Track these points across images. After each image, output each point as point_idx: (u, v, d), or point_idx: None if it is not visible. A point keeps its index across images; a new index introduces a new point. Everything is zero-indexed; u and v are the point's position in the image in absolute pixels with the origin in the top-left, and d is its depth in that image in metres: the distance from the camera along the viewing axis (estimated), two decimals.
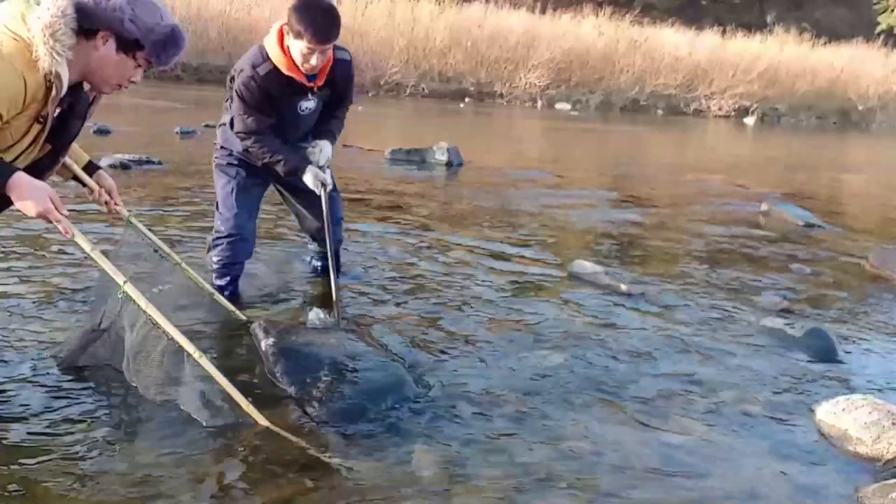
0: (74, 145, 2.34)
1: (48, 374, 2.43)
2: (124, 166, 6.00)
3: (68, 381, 2.39)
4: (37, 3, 1.88)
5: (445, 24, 17.76)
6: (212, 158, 3.22)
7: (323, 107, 3.10)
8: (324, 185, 3.09)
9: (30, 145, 2.00)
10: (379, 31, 17.00)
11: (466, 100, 17.38)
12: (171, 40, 2.01)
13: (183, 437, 2.12)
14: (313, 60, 2.78)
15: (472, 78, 18.03)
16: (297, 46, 2.76)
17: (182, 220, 4.59)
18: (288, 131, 3.05)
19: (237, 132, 2.94)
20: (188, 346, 2.14)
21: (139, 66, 2.03)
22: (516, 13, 19.39)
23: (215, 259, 3.13)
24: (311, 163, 3.05)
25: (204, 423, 2.17)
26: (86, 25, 1.92)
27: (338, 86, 3.05)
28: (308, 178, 3.05)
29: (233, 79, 2.96)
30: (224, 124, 3.11)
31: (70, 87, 1.97)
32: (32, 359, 2.52)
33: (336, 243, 3.35)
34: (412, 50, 17.29)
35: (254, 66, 2.83)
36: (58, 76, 1.88)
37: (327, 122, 3.18)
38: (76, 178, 2.44)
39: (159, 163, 6.38)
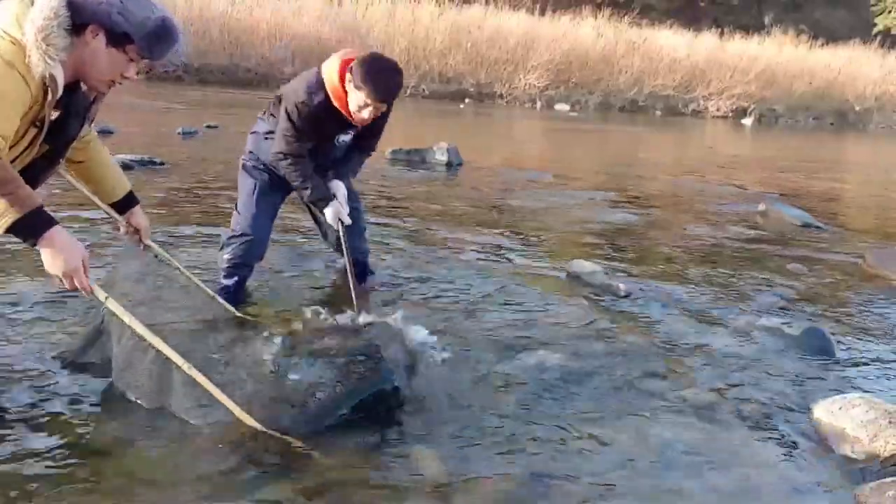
0: (121, 174, 2.41)
1: (49, 374, 2.44)
2: (126, 166, 5.99)
3: (68, 381, 2.40)
4: (32, 2, 1.84)
5: (445, 25, 17.78)
6: (239, 160, 3.26)
7: (354, 138, 3.14)
8: (342, 221, 3.15)
9: (26, 148, 1.99)
10: (380, 31, 17.02)
11: (466, 100, 17.40)
12: (162, 32, 1.96)
13: (181, 439, 2.13)
14: (365, 114, 2.84)
15: (472, 79, 18.05)
16: (355, 97, 2.82)
17: (183, 219, 4.60)
18: (318, 157, 3.11)
19: (276, 151, 2.99)
20: (177, 359, 2.13)
21: (132, 60, 1.98)
22: (516, 15, 19.42)
23: (226, 258, 3.15)
24: (335, 197, 3.10)
25: (201, 427, 2.16)
26: (77, 21, 1.88)
27: (375, 122, 3.07)
28: (328, 212, 3.10)
29: (279, 97, 3.03)
30: (256, 132, 3.18)
31: (66, 88, 1.94)
32: (33, 359, 2.52)
33: (362, 254, 3.47)
34: (412, 51, 17.29)
35: (309, 93, 2.89)
36: (52, 79, 1.85)
37: (351, 158, 3.22)
38: (102, 205, 2.49)
39: (161, 163, 6.40)
